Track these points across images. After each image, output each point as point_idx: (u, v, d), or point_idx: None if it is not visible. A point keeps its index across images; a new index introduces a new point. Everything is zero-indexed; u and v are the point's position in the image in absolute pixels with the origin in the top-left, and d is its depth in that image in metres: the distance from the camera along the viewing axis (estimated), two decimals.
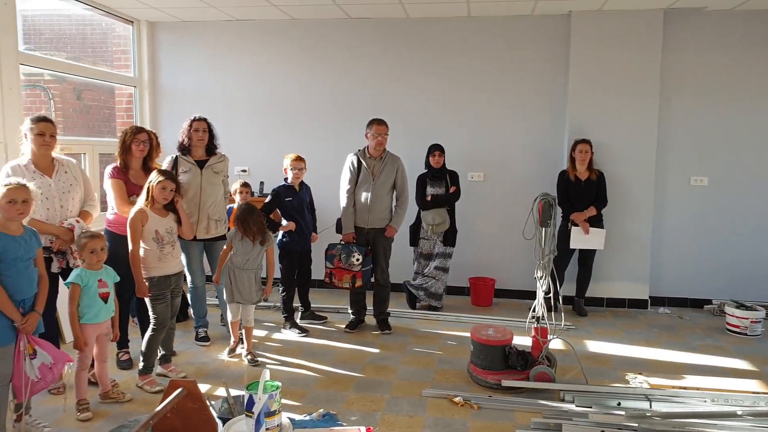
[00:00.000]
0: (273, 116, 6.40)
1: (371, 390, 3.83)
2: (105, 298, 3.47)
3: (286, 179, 4.92)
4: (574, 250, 5.53)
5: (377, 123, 4.84)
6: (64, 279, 3.61)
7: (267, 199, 4.91)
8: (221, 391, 3.64)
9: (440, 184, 5.52)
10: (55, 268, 3.60)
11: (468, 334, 4.15)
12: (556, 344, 4.45)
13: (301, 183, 4.99)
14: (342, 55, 6.22)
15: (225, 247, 4.39)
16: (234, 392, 3.02)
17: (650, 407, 3.45)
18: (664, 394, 3.65)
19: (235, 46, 6.36)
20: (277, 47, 6.30)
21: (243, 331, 4.40)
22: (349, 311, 5.16)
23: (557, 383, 3.78)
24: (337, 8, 5.72)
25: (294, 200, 4.88)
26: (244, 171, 6.37)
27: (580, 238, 5.40)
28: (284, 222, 4.90)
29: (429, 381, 3.98)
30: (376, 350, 4.59)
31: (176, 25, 6.40)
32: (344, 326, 5.09)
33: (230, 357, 4.37)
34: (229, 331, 4.54)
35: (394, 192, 4.95)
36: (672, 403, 3.53)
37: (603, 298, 5.94)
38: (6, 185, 2.96)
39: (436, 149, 5.51)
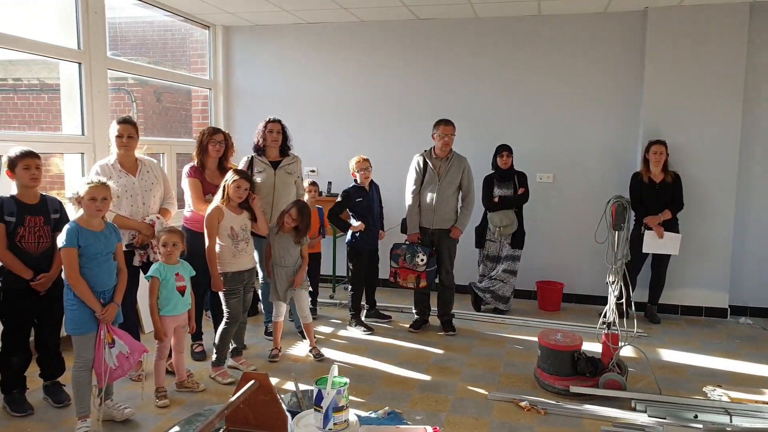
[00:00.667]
0: (341, 117, 6.50)
1: (436, 390, 3.83)
2: (182, 291, 3.64)
3: (355, 180, 4.99)
4: (647, 254, 5.32)
5: (444, 123, 4.83)
6: (145, 272, 3.81)
7: (338, 200, 5.00)
8: (289, 385, 3.74)
9: (508, 185, 5.45)
10: (136, 261, 3.81)
11: (535, 339, 4.08)
12: (627, 352, 4.30)
13: (371, 182, 5.05)
14: (410, 56, 6.24)
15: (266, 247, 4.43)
16: (302, 386, 3.10)
17: (730, 421, 3.28)
18: (746, 408, 3.46)
19: (306, 49, 6.51)
20: (346, 49, 6.40)
21: (303, 329, 4.51)
22: (413, 311, 5.18)
23: (628, 391, 3.65)
24: (406, 9, 5.76)
25: (363, 200, 4.95)
26: (313, 171, 6.50)
27: (653, 243, 5.20)
28: (354, 222, 4.96)
29: (494, 384, 3.94)
30: (441, 351, 4.59)
31: (250, 29, 6.62)
32: (408, 326, 5.12)
33: (270, 361, 4.33)
34: (301, 331, 4.62)
35: (460, 193, 4.93)
36: (754, 419, 3.34)
37: (677, 305, 5.68)
38: (88, 183, 3.11)
39: (504, 149, 5.45)
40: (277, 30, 6.55)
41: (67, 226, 3.05)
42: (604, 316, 3.85)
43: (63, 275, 3.09)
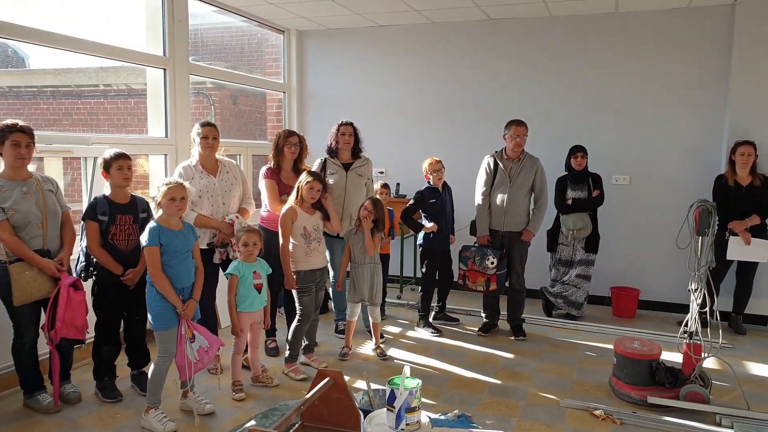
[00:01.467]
0: (411, 119, 6.53)
1: (506, 395, 3.78)
2: (259, 288, 3.76)
3: (428, 182, 5.00)
4: (732, 261, 5.03)
5: (516, 124, 4.76)
6: (224, 270, 3.97)
7: (411, 201, 5.01)
8: (360, 384, 3.80)
9: (582, 187, 5.30)
10: (216, 259, 3.97)
11: (609, 346, 3.96)
12: (710, 363, 4.10)
13: (444, 184, 5.05)
14: (481, 57, 6.19)
15: (344, 252, 4.48)
16: (373, 386, 3.13)
17: None
18: None
19: (377, 51, 6.58)
20: (417, 51, 6.42)
21: (371, 328, 4.57)
22: (482, 314, 5.13)
23: (712, 405, 3.47)
24: (478, 10, 5.71)
25: (437, 202, 4.96)
26: (382, 172, 6.56)
27: (739, 249, 4.90)
28: (427, 223, 4.97)
29: (567, 391, 3.85)
30: (510, 355, 4.52)
31: (323, 32, 6.75)
32: (477, 329, 5.07)
33: (341, 359, 4.40)
34: (370, 330, 4.69)
35: (532, 195, 4.84)
36: None
37: (765, 316, 5.35)
38: (166, 184, 3.25)
39: (578, 150, 5.30)
40: (349, 33, 6.65)
41: (148, 226, 3.20)
42: (686, 325, 3.68)
43: (146, 273, 3.26)
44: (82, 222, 3.48)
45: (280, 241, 3.97)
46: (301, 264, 4.01)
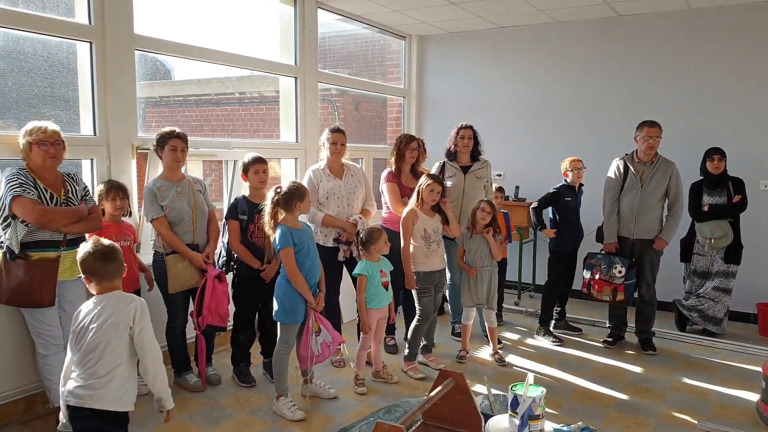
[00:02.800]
0: (531, 121, 6.39)
1: (634, 411, 3.59)
2: (386, 286, 3.89)
3: (566, 180, 4.89)
4: None
5: (649, 125, 4.50)
6: (348, 267, 4.15)
7: (546, 195, 4.92)
8: (479, 387, 3.79)
9: (720, 193, 4.89)
10: (341, 257, 4.15)
11: (756, 368, 3.64)
12: None
13: (580, 185, 4.92)
14: (607, 55, 5.92)
15: (457, 253, 4.48)
16: (493, 390, 3.12)
17: None
18: None
19: (498, 53, 6.51)
20: (539, 51, 6.28)
21: (487, 332, 4.53)
22: (607, 325, 4.90)
23: None
24: (606, 6, 5.48)
25: (572, 200, 4.85)
26: (500, 175, 6.48)
27: None
28: (548, 227, 4.91)
29: (705, 413, 3.57)
30: (639, 370, 4.28)
31: (443, 36, 6.81)
32: (602, 341, 4.85)
33: (458, 361, 4.40)
34: (486, 335, 4.65)
35: (666, 200, 4.56)
36: None
37: None
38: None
39: (715, 153, 4.90)
40: (469, 36, 6.65)
41: (278, 230, 3.40)
42: None
43: (281, 270, 3.49)
44: (225, 220, 3.81)
45: (401, 242, 4.06)
46: (420, 265, 4.08)
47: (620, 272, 4.51)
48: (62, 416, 2.38)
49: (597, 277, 4.64)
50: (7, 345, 3.29)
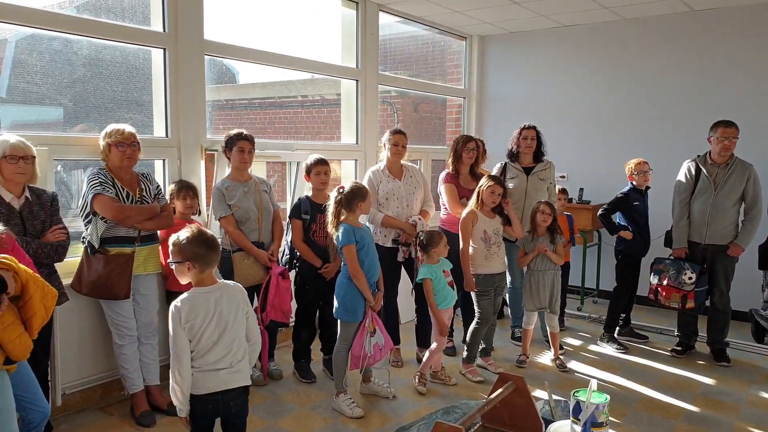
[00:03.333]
0: (596, 121, 6.22)
1: (706, 425, 3.44)
2: (452, 285, 3.89)
3: (632, 183, 4.76)
4: None
5: (724, 125, 4.30)
6: (406, 268, 4.16)
7: (613, 200, 4.79)
8: (538, 392, 3.73)
9: None
10: (400, 257, 4.18)
11: None
12: None
13: (647, 188, 4.77)
14: (679, 52, 5.69)
15: (518, 255, 4.40)
16: (554, 396, 3.06)
17: None
18: None
19: (561, 53, 6.38)
20: (604, 50, 6.11)
21: (549, 337, 4.46)
22: (676, 334, 4.71)
23: None
24: (679, 1, 5.27)
25: (640, 204, 4.71)
26: (563, 177, 6.33)
27: None
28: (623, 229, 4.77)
29: None
30: (711, 382, 4.09)
31: (504, 36, 6.73)
32: (670, 350, 4.67)
33: (518, 366, 4.34)
34: (548, 340, 4.57)
35: (742, 205, 4.33)
36: None
37: None
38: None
39: None
40: (531, 36, 6.54)
41: (341, 228, 3.46)
42: None
43: (342, 269, 3.55)
44: (289, 219, 3.91)
45: (460, 243, 4.05)
46: (480, 267, 4.05)
47: (690, 279, 4.33)
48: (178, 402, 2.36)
49: (665, 283, 4.46)
50: (87, 335, 3.50)
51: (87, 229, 3.23)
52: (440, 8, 5.58)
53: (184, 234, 2.34)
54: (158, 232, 3.47)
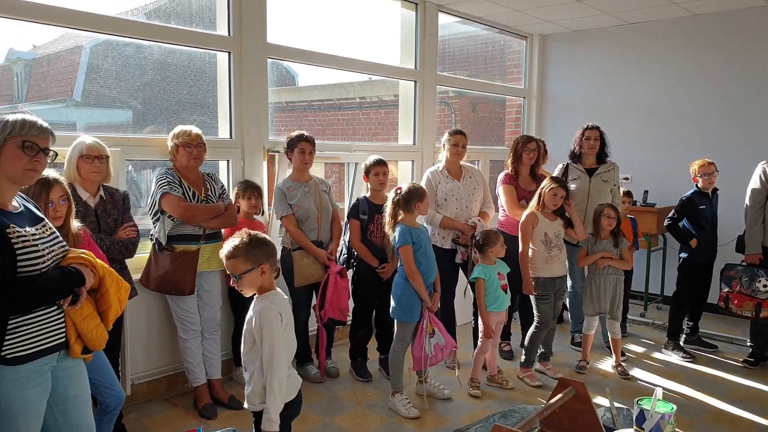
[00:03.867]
0: (662, 121, 5.99)
1: None
2: (505, 289, 3.85)
3: (697, 186, 4.57)
4: None
5: None
6: (464, 270, 4.14)
7: (678, 204, 4.63)
8: (599, 399, 3.63)
9: None
10: (458, 259, 4.16)
11: None
12: None
13: (714, 190, 4.57)
14: (755, 48, 5.40)
15: (579, 255, 4.28)
16: (616, 404, 2.97)
17: None
18: None
19: (625, 51, 6.18)
20: (671, 47, 5.87)
21: (610, 343, 4.33)
22: (748, 344, 4.48)
23: None
24: None
25: (707, 208, 4.52)
26: (627, 179, 6.13)
27: None
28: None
29: None
30: None
31: (566, 35, 6.58)
32: (742, 360, 4.44)
33: (577, 371, 4.23)
34: (609, 346, 4.44)
35: None
36: None
37: None
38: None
39: None
40: (594, 34, 6.37)
41: (398, 229, 3.49)
42: None
43: (399, 269, 3.56)
44: (347, 219, 3.96)
45: (520, 245, 3.99)
46: (540, 270, 3.97)
47: (765, 286, 4.11)
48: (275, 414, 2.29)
49: (737, 290, 4.25)
50: (154, 328, 3.65)
51: (155, 227, 3.37)
52: (501, 8, 5.51)
53: (237, 241, 2.28)
54: (222, 230, 3.59)
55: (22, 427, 1.93)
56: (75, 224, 2.40)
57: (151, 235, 3.41)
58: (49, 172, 2.33)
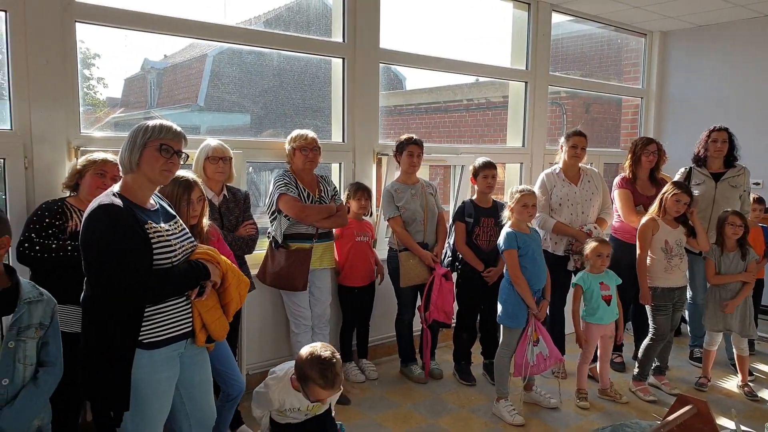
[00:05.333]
0: None
1: None
2: (607, 300, 3.68)
3: None
4: None
5: None
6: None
7: None
8: (722, 421, 3.36)
9: None
10: (571, 266, 4.03)
11: None
12: None
13: None
14: None
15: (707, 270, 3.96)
16: (743, 427, 2.75)
17: None
18: None
19: (757, 46, 5.66)
20: None
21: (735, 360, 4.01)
22: None
23: None
24: None
25: None
26: (757, 184, 5.62)
27: None
28: None
29: None
30: None
31: (691, 31, 6.15)
32: None
33: (697, 389, 3.94)
34: (734, 363, 4.11)
35: None
36: None
37: None
38: (520, 192, 3.44)
39: None
40: (724, 28, 5.90)
41: (504, 231, 3.46)
42: None
43: (505, 273, 3.52)
44: (452, 222, 3.98)
45: (637, 252, 3.79)
46: (658, 280, 3.75)
47: None
48: None
49: None
50: (269, 321, 3.87)
51: (272, 226, 3.58)
52: (619, 4, 5.27)
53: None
54: (333, 230, 3.73)
55: (154, 408, 2.12)
56: (205, 222, 2.60)
57: (269, 233, 3.62)
58: (187, 174, 2.55)
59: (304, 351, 2.47)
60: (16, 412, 1.93)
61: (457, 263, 3.98)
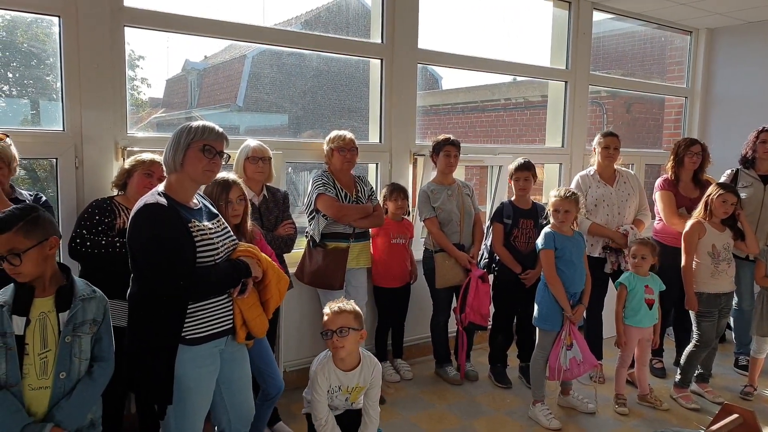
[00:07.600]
0: None
1: None
2: (650, 304, 3.60)
3: None
4: None
5: None
6: (614, 280, 3.93)
7: None
8: None
9: None
10: (607, 268, 3.96)
11: None
12: None
13: None
14: None
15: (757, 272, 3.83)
16: None
17: None
18: None
19: None
20: None
21: None
22: None
23: None
24: None
25: None
26: None
27: None
28: None
29: None
30: None
31: (739, 28, 5.95)
32: None
33: (742, 398, 3.82)
34: None
35: None
36: None
37: None
38: (555, 195, 3.42)
39: None
40: None
41: (544, 231, 3.44)
42: None
43: (542, 275, 3.49)
44: (490, 223, 3.95)
45: (683, 257, 3.70)
46: (704, 285, 3.65)
47: None
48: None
49: None
50: (306, 319, 3.91)
51: (310, 225, 3.62)
52: (665, 2, 5.14)
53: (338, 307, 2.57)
54: (369, 230, 3.75)
55: (195, 402, 2.18)
56: (249, 222, 2.65)
57: (307, 232, 3.66)
58: (228, 174, 2.60)
59: None
60: (73, 406, 2.00)
61: (494, 265, 3.95)
